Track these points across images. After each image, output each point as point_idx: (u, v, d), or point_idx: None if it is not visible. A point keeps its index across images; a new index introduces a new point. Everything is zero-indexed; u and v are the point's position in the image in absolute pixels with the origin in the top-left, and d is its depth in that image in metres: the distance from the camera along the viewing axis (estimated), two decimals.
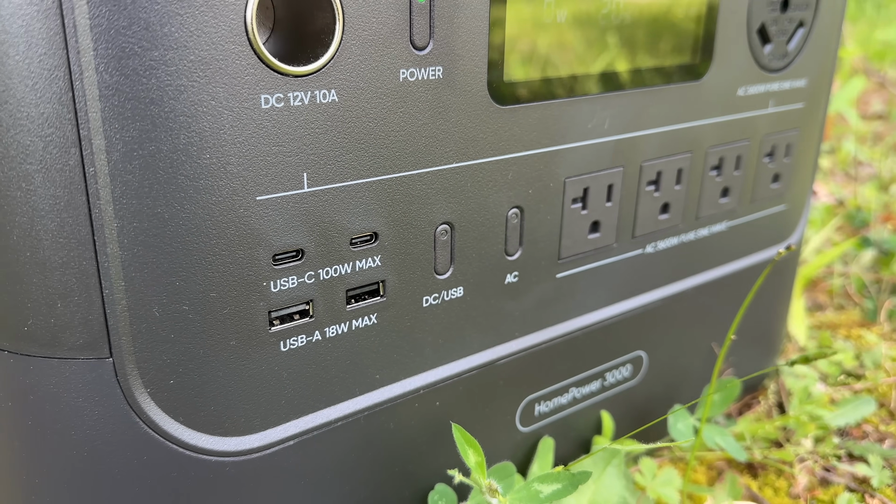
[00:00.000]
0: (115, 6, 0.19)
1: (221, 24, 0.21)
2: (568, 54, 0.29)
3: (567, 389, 0.36)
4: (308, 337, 0.25)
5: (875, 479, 0.42)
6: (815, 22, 0.39)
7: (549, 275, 0.32)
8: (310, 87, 0.23)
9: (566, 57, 0.29)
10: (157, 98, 0.20)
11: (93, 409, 0.23)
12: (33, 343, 0.22)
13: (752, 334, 0.45)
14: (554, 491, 0.27)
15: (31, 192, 0.21)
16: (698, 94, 0.34)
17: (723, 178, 0.37)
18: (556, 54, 0.28)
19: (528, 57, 0.28)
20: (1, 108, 0.20)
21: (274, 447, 0.26)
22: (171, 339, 0.23)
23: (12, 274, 0.22)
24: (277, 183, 0.23)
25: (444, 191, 0.27)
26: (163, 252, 0.22)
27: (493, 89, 0.27)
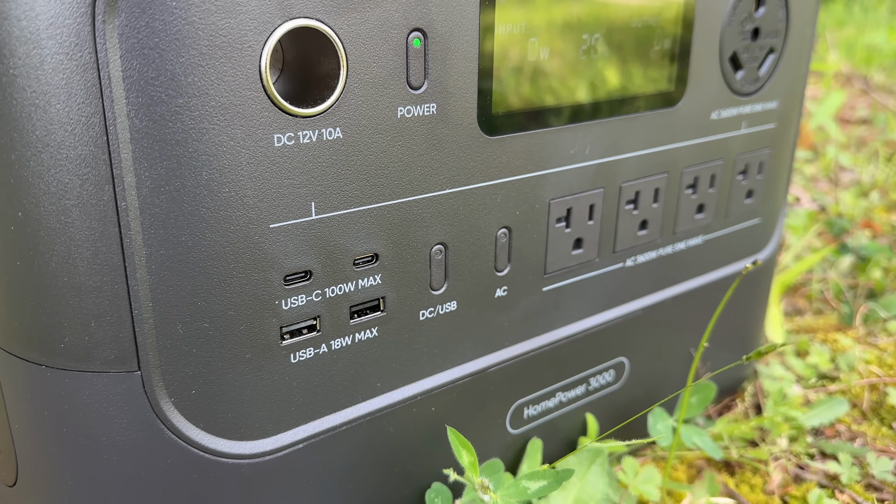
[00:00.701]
0: (145, 60, 0.22)
1: (239, 73, 0.23)
2: (551, 87, 0.31)
3: (554, 394, 0.38)
4: (315, 349, 0.28)
5: (844, 476, 0.44)
6: (784, 47, 0.41)
7: (535, 288, 0.35)
8: (317, 126, 0.25)
9: (549, 90, 0.31)
10: (181, 140, 0.23)
11: (122, 417, 0.26)
12: (69, 359, 0.25)
13: (729, 339, 0.47)
14: (540, 487, 0.30)
15: (68, 224, 0.23)
16: (673, 119, 0.37)
17: (698, 196, 0.40)
18: (540, 87, 0.31)
19: (514, 91, 0.30)
20: (43, 150, 0.22)
21: (285, 450, 0.28)
22: (193, 353, 0.25)
23: (51, 297, 0.24)
24: (288, 211, 0.26)
25: (439, 214, 0.30)
26: (186, 276, 0.24)
27: (483, 122, 0.30)
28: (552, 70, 0.31)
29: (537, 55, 0.30)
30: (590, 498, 0.36)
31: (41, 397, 0.26)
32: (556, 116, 0.32)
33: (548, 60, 0.31)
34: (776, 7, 0.40)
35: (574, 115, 0.32)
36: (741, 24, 0.38)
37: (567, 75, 0.32)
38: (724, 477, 0.44)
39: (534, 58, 0.30)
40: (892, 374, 0.55)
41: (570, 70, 0.32)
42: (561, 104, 0.32)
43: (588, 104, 0.33)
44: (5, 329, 0.26)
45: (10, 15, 0.21)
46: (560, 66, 0.31)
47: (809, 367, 0.56)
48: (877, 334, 0.62)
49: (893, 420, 0.51)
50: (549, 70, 0.31)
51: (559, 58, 0.31)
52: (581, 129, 0.33)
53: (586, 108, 0.33)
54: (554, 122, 0.32)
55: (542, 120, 0.31)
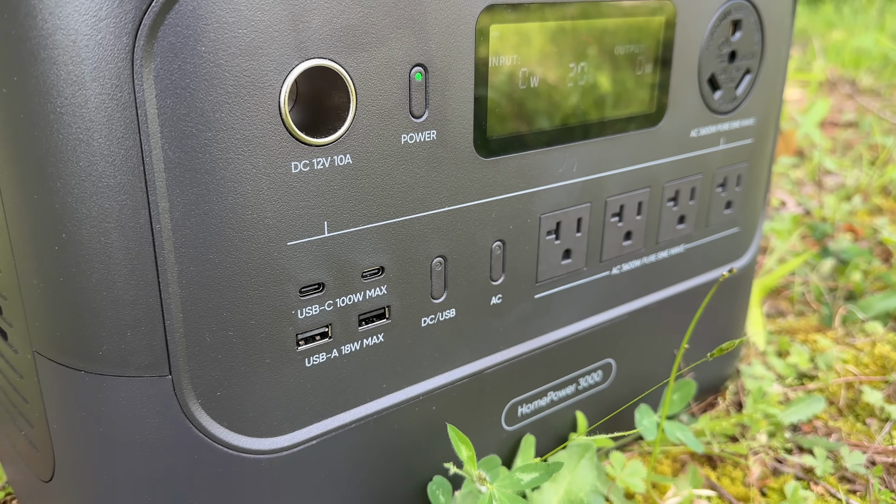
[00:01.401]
0: (177, 99, 0.25)
1: (261, 108, 0.26)
2: (540, 112, 0.34)
3: (546, 393, 0.41)
4: (328, 354, 0.31)
5: (819, 469, 0.47)
6: (760, 68, 0.44)
7: (528, 296, 0.38)
8: (329, 153, 0.28)
9: (539, 114, 0.34)
10: (209, 169, 0.26)
11: (154, 418, 0.28)
12: (106, 365, 0.27)
13: (712, 341, 0.50)
14: (533, 479, 0.33)
15: (108, 245, 0.26)
16: (655, 138, 0.39)
17: (679, 208, 0.43)
18: (530, 113, 0.34)
19: (507, 117, 0.33)
20: (86, 179, 0.25)
21: (300, 446, 0.31)
22: (218, 358, 0.28)
23: (90, 309, 0.27)
24: (303, 230, 0.28)
25: (439, 230, 0.32)
26: (213, 289, 0.27)
27: (478, 145, 0.32)
28: (541, 96, 0.34)
29: (528, 83, 0.33)
30: (579, 490, 0.39)
31: (80, 400, 0.28)
32: (545, 139, 0.35)
33: (537, 88, 0.34)
34: (752, 31, 0.42)
35: (562, 137, 0.35)
36: (718, 48, 0.41)
37: (555, 101, 0.34)
38: (706, 470, 0.47)
39: (524, 86, 0.33)
40: (867, 373, 0.58)
41: (558, 96, 0.34)
42: (550, 127, 0.35)
43: (575, 127, 0.36)
44: (47, 338, 0.28)
45: (58, 60, 0.24)
46: (548, 93, 0.34)
47: (789, 367, 0.59)
48: (854, 335, 0.64)
49: (867, 416, 0.54)
50: (538, 96, 0.34)
51: (548, 85, 0.34)
52: (568, 149, 0.36)
53: (573, 130, 0.36)
54: (543, 144, 0.35)
55: (532, 142, 0.34)
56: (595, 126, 0.36)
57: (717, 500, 0.44)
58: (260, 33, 0.25)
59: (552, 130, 0.35)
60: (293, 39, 0.26)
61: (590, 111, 0.36)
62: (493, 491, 0.32)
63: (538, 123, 0.34)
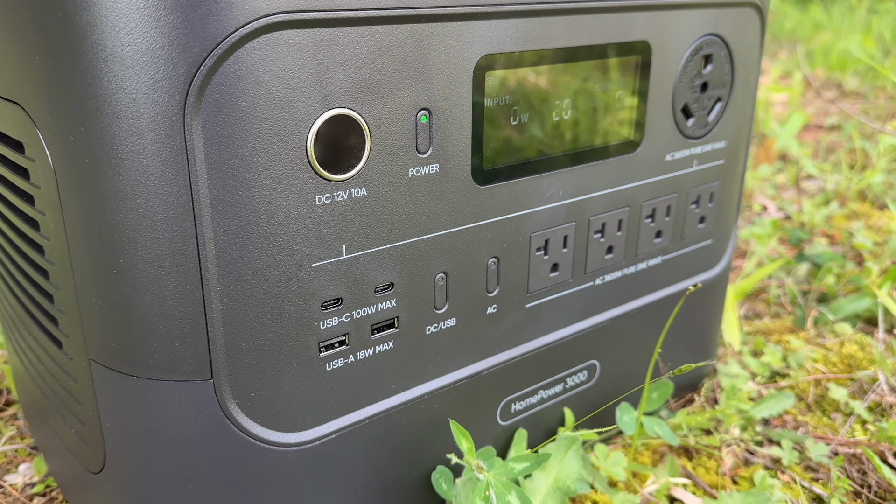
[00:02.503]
0: (221, 146, 0.29)
1: (291, 152, 0.30)
2: (530, 144, 0.39)
3: (536, 392, 0.45)
4: (345, 359, 0.35)
5: (785, 459, 0.52)
6: (730, 96, 0.49)
7: (520, 305, 0.42)
8: (348, 187, 0.32)
9: (529, 147, 0.39)
10: (248, 203, 0.30)
11: (197, 416, 0.33)
12: (156, 371, 0.32)
13: (689, 343, 0.55)
14: (524, 467, 0.37)
15: (161, 269, 0.30)
16: (633, 163, 0.44)
17: (656, 224, 0.47)
18: (521, 145, 0.38)
19: (500, 150, 0.37)
20: (143, 214, 0.29)
21: (321, 440, 0.35)
22: (253, 364, 0.32)
23: (143, 324, 0.31)
24: (325, 253, 0.33)
25: (441, 249, 0.37)
26: (249, 305, 0.31)
27: (475, 175, 0.37)
28: (530, 130, 0.38)
29: (518, 120, 0.38)
30: (567, 478, 0.43)
31: (132, 401, 0.33)
32: (534, 167, 0.39)
33: (526, 123, 0.38)
34: (722, 63, 0.47)
35: (549, 165, 0.40)
36: (691, 80, 0.45)
37: (543, 134, 0.39)
38: (683, 461, 0.52)
39: (515, 122, 0.38)
40: (834, 371, 0.63)
41: (545, 129, 0.39)
42: (538, 157, 0.39)
43: (561, 155, 0.40)
44: (102, 348, 0.33)
45: (121, 114, 0.28)
46: (537, 127, 0.39)
47: (763, 366, 0.63)
48: (825, 335, 0.69)
49: (833, 411, 0.58)
50: (528, 131, 0.38)
51: (536, 121, 0.38)
52: (555, 175, 0.40)
53: (559, 158, 0.40)
54: (533, 172, 0.39)
55: (523, 171, 0.39)
56: (579, 154, 0.41)
57: (692, 488, 0.49)
58: (290, 89, 0.29)
59: (540, 160, 0.39)
60: (318, 93, 0.30)
61: (574, 141, 0.41)
62: (489, 478, 0.37)
63: (528, 154, 0.39)
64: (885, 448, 0.53)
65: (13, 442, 0.55)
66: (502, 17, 0.35)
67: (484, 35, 0.34)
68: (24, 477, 0.51)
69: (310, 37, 0.29)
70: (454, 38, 0.33)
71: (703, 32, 0.45)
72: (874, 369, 0.63)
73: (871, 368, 0.63)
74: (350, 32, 0.30)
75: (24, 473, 0.52)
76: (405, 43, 0.32)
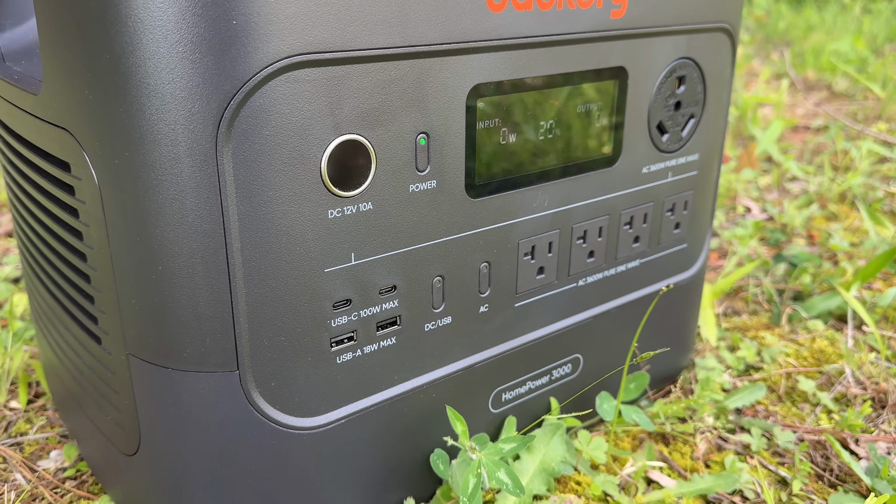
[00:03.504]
0: (248, 169, 0.33)
1: (307, 173, 0.35)
2: (517, 161, 0.43)
3: (525, 382, 0.50)
4: (354, 353, 0.40)
5: (754, 445, 0.57)
6: (703, 113, 0.53)
7: (509, 305, 0.47)
8: (356, 202, 0.37)
9: (516, 163, 0.43)
10: (270, 218, 0.34)
11: (224, 404, 0.37)
12: (189, 363, 0.36)
13: (667, 338, 0.60)
14: (512, 448, 0.42)
15: (194, 275, 0.35)
16: (612, 175, 0.49)
17: (634, 230, 0.52)
18: (510, 162, 0.43)
19: (490, 166, 0.42)
20: (179, 227, 0.34)
21: (332, 424, 0.40)
22: (273, 358, 0.37)
23: (178, 323, 0.36)
24: (336, 260, 0.37)
25: (438, 256, 0.42)
26: (271, 306, 0.36)
27: (468, 190, 0.41)
28: (518, 149, 0.43)
29: (506, 139, 0.42)
30: (552, 460, 0.48)
31: (166, 390, 0.37)
32: (521, 181, 0.44)
33: (514, 142, 0.43)
34: (695, 83, 0.52)
35: (535, 179, 0.44)
36: (665, 99, 0.50)
37: (529, 151, 0.44)
38: (660, 447, 0.56)
39: (504, 141, 0.42)
40: (804, 365, 0.68)
41: (531, 147, 0.44)
42: (525, 172, 0.44)
43: (545, 170, 0.45)
44: (140, 343, 0.37)
45: (161, 142, 0.33)
46: (523, 146, 0.43)
47: (738, 360, 0.68)
48: (798, 331, 0.74)
49: (801, 402, 0.63)
50: (515, 149, 0.43)
51: (522, 140, 0.43)
52: (541, 188, 0.45)
53: (544, 173, 0.45)
54: (520, 186, 0.44)
55: (511, 185, 0.43)
56: (562, 169, 0.45)
57: (668, 471, 0.54)
58: (306, 119, 0.34)
59: (527, 174, 0.44)
60: (330, 122, 0.35)
61: (557, 157, 0.45)
62: (481, 458, 0.41)
63: (515, 170, 0.43)
64: (847, 435, 0.58)
65: (44, 431, 0.59)
66: (491, 51, 0.39)
67: (475, 67, 0.39)
68: (55, 462, 0.56)
69: (323, 74, 0.34)
70: (449, 70, 0.38)
71: (677, 56, 0.49)
72: (841, 363, 0.67)
73: (838, 362, 0.68)
74: (358, 69, 0.35)
75: (56, 459, 0.56)
76: (406, 76, 0.36)
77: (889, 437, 0.58)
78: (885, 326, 0.75)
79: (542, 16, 0.40)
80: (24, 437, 0.58)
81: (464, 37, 0.38)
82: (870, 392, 0.64)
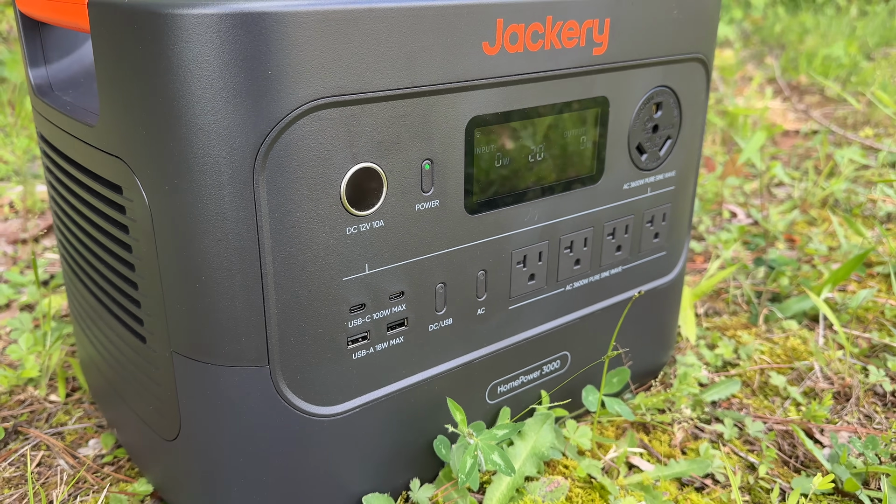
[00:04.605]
0: (279, 195, 0.39)
1: (329, 197, 0.40)
2: (510, 182, 0.49)
3: (518, 377, 0.56)
4: (367, 350, 0.46)
5: (727, 434, 0.62)
6: (679, 134, 0.59)
7: (504, 308, 0.52)
8: (370, 220, 0.43)
9: (509, 184, 0.49)
10: (297, 235, 0.40)
11: (256, 394, 0.43)
12: (227, 360, 0.42)
13: (649, 338, 0.65)
14: (505, 433, 0.48)
15: (232, 284, 0.40)
16: (596, 192, 0.54)
17: (616, 240, 0.58)
18: (503, 183, 0.49)
19: (487, 187, 0.48)
20: (220, 243, 0.40)
21: (349, 412, 0.46)
22: (299, 354, 0.43)
23: (218, 324, 0.41)
24: (352, 270, 0.43)
25: (441, 265, 0.47)
26: (297, 310, 0.42)
27: (467, 207, 0.47)
28: (511, 171, 0.49)
29: (501, 163, 0.48)
30: (542, 446, 0.54)
31: (205, 383, 0.43)
32: (514, 199, 0.49)
33: (508, 165, 0.48)
34: (671, 108, 0.57)
35: (526, 196, 0.50)
36: (644, 124, 0.56)
37: (521, 173, 0.49)
38: (641, 435, 0.62)
39: (499, 164, 0.48)
40: (777, 362, 0.74)
41: (523, 169, 0.49)
42: (517, 191, 0.50)
43: (536, 189, 0.50)
44: (184, 341, 0.43)
45: (206, 172, 0.38)
46: (516, 168, 0.49)
47: (716, 357, 0.74)
48: (773, 331, 0.80)
49: (773, 395, 0.69)
50: (509, 171, 0.49)
51: (515, 163, 0.49)
52: (531, 205, 0.51)
53: (535, 191, 0.50)
54: (513, 203, 0.49)
55: (505, 202, 0.49)
56: (550, 187, 0.51)
57: (647, 456, 0.60)
58: (328, 151, 0.40)
59: (519, 193, 0.50)
60: (349, 153, 0.41)
61: (546, 177, 0.51)
62: (477, 442, 0.47)
63: (508, 189, 0.49)
64: (813, 426, 0.64)
65: (82, 421, 0.65)
66: (486, 88, 0.45)
67: (473, 102, 0.45)
68: (94, 450, 0.62)
69: (343, 113, 0.40)
70: (450, 105, 0.44)
71: (654, 85, 0.55)
72: (811, 360, 0.73)
73: (809, 359, 0.73)
74: (372, 107, 0.41)
75: (94, 447, 0.62)
76: (413, 112, 0.42)
77: (851, 427, 0.64)
78: (855, 326, 0.80)
79: (532, 56, 0.46)
80: (63, 427, 0.64)
81: (463, 76, 0.44)
82: (836, 386, 0.69)
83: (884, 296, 0.86)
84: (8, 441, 0.63)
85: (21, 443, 0.62)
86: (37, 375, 0.68)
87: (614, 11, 0.49)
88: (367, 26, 0.39)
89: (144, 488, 0.55)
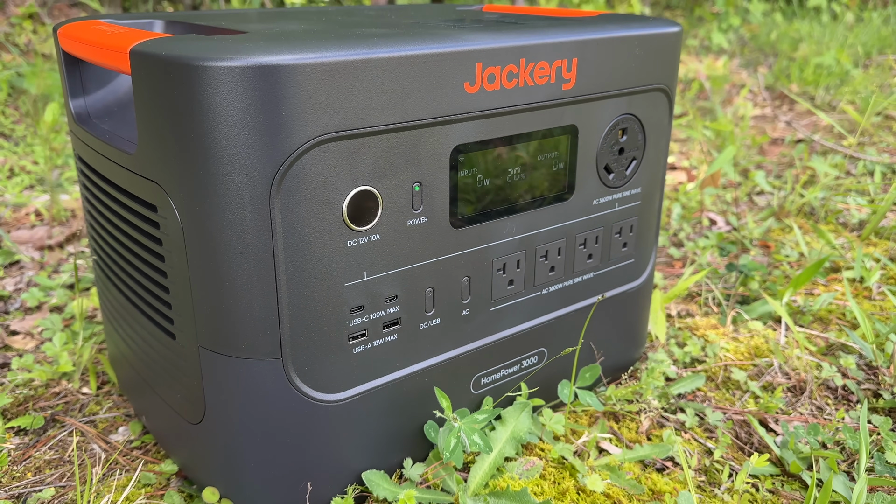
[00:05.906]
0: (291, 213, 0.47)
1: (332, 215, 0.48)
2: (490, 199, 0.57)
3: (499, 370, 0.63)
4: (365, 346, 0.53)
5: (688, 422, 0.70)
6: (644, 155, 0.66)
7: (486, 309, 0.60)
8: (367, 234, 0.50)
9: (490, 201, 0.56)
10: (306, 247, 0.48)
11: (271, 383, 0.50)
12: (246, 353, 0.50)
13: (621, 337, 0.73)
14: (484, 417, 0.55)
15: (251, 290, 0.48)
16: (567, 207, 0.62)
17: (587, 249, 0.65)
18: (484, 200, 0.56)
19: (469, 204, 0.55)
20: (241, 255, 0.47)
21: (350, 399, 0.53)
22: (307, 349, 0.50)
23: (239, 323, 0.49)
24: (353, 277, 0.51)
25: (429, 273, 0.55)
26: (306, 311, 0.49)
27: (452, 223, 0.55)
28: (491, 190, 0.56)
29: (482, 183, 0.56)
30: (520, 431, 0.61)
31: (228, 373, 0.51)
32: (494, 214, 0.57)
33: (488, 185, 0.56)
34: (636, 133, 0.65)
35: (505, 212, 0.57)
36: (610, 147, 0.63)
37: (500, 191, 0.57)
38: (611, 423, 0.69)
39: (480, 185, 0.55)
40: (740, 359, 0.81)
41: (502, 188, 0.57)
42: (497, 208, 0.57)
43: (513, 205, 0.58)
44: (210, 338, 0.50)
45: (230, 195, 0.46)
46: (495, 188, 0.56)
47: (685, 354, 0.81)
48: (740, 331, 0.87)
49: (734, 389, 0.76)
50: (489, 190, 0.56)
51: (494, 184, 0.56)
52: (510, 219, 0.58)
53: (512, 208, 0.58)
54: (493, 218, 0.57)
55: (486, 217, 0.56)
56: (526, 204, 0.59)
57: (616, 441, 0.67)
58: (332, 177, 0.47)
59: (498, 209, 0.57)
60: (349, 178, 0.48)
61: (522, 195, 0.58)
62: (461, 425, 0.55)
63: (489, 206, 0.57)
64: (768, 416, 0.71)
65: (111, 411, 0.73)
66: (468, 120, 0.52)
67: (456, 133, 0.52)
68: (123, 436, 0.69)
69: (345, 145, 0.47)
70: (436, 136, 0.51)
71: (619, 113, 0.62)
72: (771, 357, 0.80)
73: (769, 357, 0.81)
74: (370, 139, 0.48)
75: (124, 434, 0.70)
76: (404, 143, 0.50)
77: (802, 418, 0.71)
78: (817, 327, 0.88)
79: (507, 92, 0.54)
80: (95, 416, 0.72)
81: (447, 112, 0.51)
82: (792, 381, 0.77)
83: (845, 299, 0.93)
84: (47, 428, 0.70)
85: (58, 430, 0.70)
86: (70, 370, 0.75)
87: (581, 52, 0.57)
88: (365, 73, 0.46)
89: (171, 468, 0.63)
